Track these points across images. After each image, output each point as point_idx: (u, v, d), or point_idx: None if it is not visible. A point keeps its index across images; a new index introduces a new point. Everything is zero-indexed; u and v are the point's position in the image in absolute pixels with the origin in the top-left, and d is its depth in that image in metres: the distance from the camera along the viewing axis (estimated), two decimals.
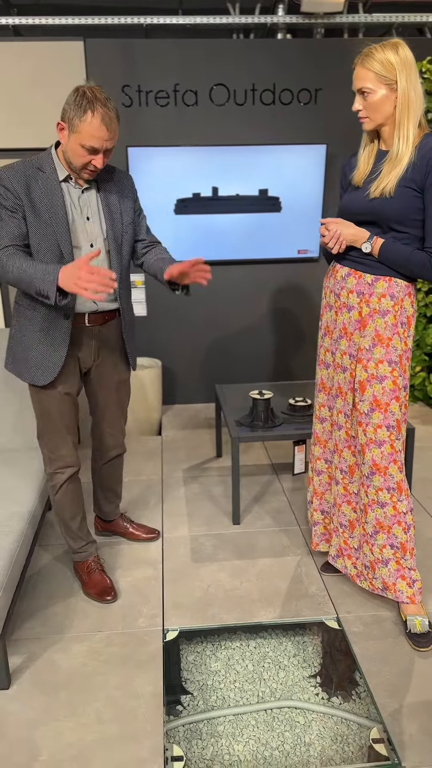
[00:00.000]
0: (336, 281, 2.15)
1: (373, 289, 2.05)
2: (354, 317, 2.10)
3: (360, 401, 2.11)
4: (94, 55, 3.73)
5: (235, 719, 1.99)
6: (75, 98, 1.91)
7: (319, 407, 2.34)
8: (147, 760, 1.73)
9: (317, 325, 4.31)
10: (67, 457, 2.27)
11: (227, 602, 2.37)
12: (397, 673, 2.02)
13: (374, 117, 1.96)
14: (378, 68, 1.90)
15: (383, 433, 2.09)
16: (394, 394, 2.07)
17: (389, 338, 2.05)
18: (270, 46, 3.84)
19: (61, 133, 1.98)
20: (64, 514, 2.36)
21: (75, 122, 1.91)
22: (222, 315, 4.24)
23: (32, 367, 2.14)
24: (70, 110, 1.92)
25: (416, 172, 1.92)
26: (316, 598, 2.38)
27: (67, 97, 1.94)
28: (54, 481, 2.31)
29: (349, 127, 3.97)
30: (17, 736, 1.80)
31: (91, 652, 2.12)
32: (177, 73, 3.80)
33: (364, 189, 2.04)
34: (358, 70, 1.95)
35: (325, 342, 2.27)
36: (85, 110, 1.89)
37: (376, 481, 2.12)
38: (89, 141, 1.93)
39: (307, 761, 1.84)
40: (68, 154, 1.99)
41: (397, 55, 1.88)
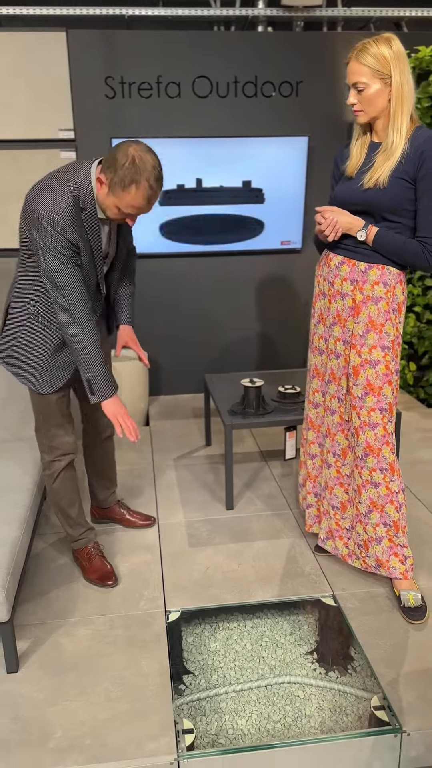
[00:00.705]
0: (330, 269, 2.22)
1: (367, 276, 2.12)
2: (348, 304, 2.17)
3: (354, 386, 2.18)
4: (76, 46, 3.73)
5: (237, 696, 2.05)
6: (124, 164, 1.86)
7: (312, 393, 2.41)
8: (158, 734, 1.78)
9: (301, 314, 4.39)
10: (66, 445, 2.31)
11: (226, 583, 2.43)
12: (393, 645, 2.10)
13: (368, 110, 2.02)
14: (372, 63, 1.95)
15: (376, 416, 2.16)
16: (387, 378, 2.15)
17: (382, 324, 2.12)
18: (251, 39, 3.88)
19: (99, 185, 1.96)
20: (62, 502, 2.39)
21: (117, 190, 1.89)
22: (207, 306, 4.29)
23: (37, 377, 2.18)
24: (115, 175, 1.87)
25: (409, 164, 1.99)
26: (311, 577, 2.46)
27: (115, 153, 1.89)
28: (52, 468, 2.33)
29: (330, 120, 4.05)
30: (30, 716, 1.84)
31: (96, 635, 2.16)
32: (160, 64, 3.82)
33: (357, 180, 2.11)
34: (352, 64, 2.00)
35: (318, 329, 2.33)
36: (131, 183, 1.87)
37: (370, 462, 2.20)
38: (128, 210, 1.94)
39: (308, 732, 1.91)
40: (102, 205, 1.99)
41: (391, 49, 1.94)
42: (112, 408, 2.10)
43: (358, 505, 2.27)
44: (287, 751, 1.80)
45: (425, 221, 2.02)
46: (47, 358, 2.16)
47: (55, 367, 2.18)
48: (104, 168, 1.92)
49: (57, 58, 3.79)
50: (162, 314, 4.26)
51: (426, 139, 1.99)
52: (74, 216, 1.95)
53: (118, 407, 2.10)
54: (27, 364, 2.17)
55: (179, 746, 1.77)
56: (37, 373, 2.17)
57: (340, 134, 4.09)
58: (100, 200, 1.99)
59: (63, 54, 3.78)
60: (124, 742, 1.76)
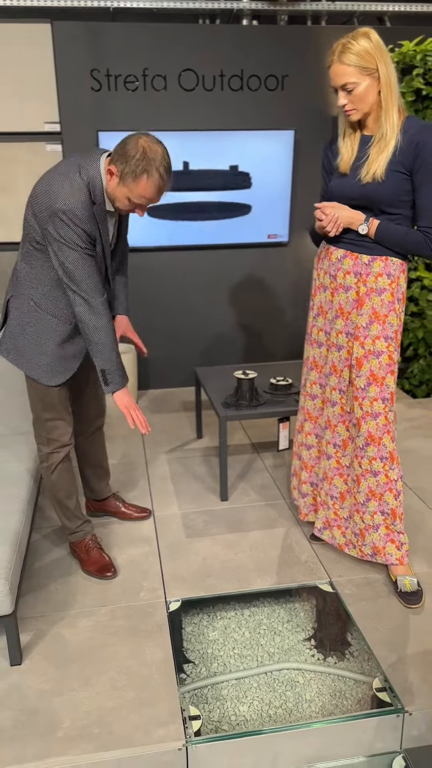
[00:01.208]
0: (331, 263, 2.23)
1: (370, 268, 2.14)
2: (351, 297, 2.19)
3: (357, 377, 2.21)
4: (61, 38, 3.71)
5: (237, 683, 2.08)
6: (134, 155, 1.89)
7: (310, 384, 2.43)
8: (166, 721, 1.80)
9: (288, 307, 4.42)
10: (64, 436, 2.31)
11: (224, 573, 2.45)
12: (391, 629, 2.15)
13: (361, 107, 2.02)
14: (357, 61, 1.95)
15: (379, 406, 2.19)
16: (390, 368, 2.18)
17: (385, 315, 2.15)
18: (237, 32, 3.89)
19: (109, 177, 1.98)
20: (60, 494, 2.39)
21: (128, 180, 1.92)
22: (194, 300, 4.30)
23: (46, 370, 2.18)
24: (126, 166, 1.90)
25: (404, 155, 2.01)
26: (308, 564, 2.49)
27: (125, 145, 1.91)
28: (50, 461, 2.33)
29: (316, 114, 4.08)
30: (37, 707, 1.85)
31: (98, 626, 2.17)
32: (146, 57, 3.81)
33: (353, 175, 2.12)
34: (336, 67, 1.98)
35: (317, 322, 2.35)
36: (142, 173, 1.90)
37: (371, 452, 2.23)
38: (139, 199, 1.97)
39: (309, 716, 1.94)
40: (112, 196, 2.01)
41: (371, 42, 1.94)
42: (125, 399, 2.15)
43: (356, 495, 2.31)
44: (293, 734, 1.84)
45: (425, 211, 2.04)
46: (57, 349, 2.17)
47: (66, 357, 2.19)
48: (114, 160, 1.95)
49: (42, 50, 3.76)
50: (149, 308, 4.26)
51: (419, 129, 2.00)
52: (90, 208, 1.98)
53: (130, 399, 2.16)
54: (36, 358, 2.18)
55: (187, 732, 1.79)
56: (47, 366, 2.18)
57: (326, 128, 4.12)
58: (110, 191, 2.01)
59: (48, 46, 3.75)
60: (131, 729, 1.77)
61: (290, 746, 1.83)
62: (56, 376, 2.20)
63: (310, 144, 4.13)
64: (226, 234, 4.14)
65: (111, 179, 1.98)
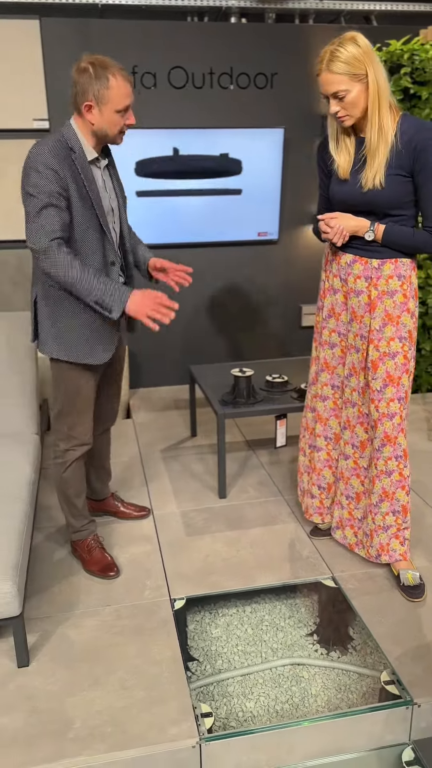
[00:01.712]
0: (340, 267, 2.23)
1: (381, 272, 2.14)
2: (363, 301, 2.19)
3: (373, 379, 2.21)
4: (50, 35, 3.68)
5: (243, 679, 2.08)
6: (90, 73, 1.95)
7: (321, 386, 2.42)
8: (178, 719, 1.80)
9: (278, 304, 4.44)
10: (84, 435, 2.32)
11: (227, 570, 2.46)
12: (396, 622, 2.17)
13: (354, 113, 2.00)
14: (347, 69, 1.92)
15: (395, 406, 2.21)
16: (405, 367, 2.19)
17: (398, 316, 2.15)
18: (226, 30, 3.89)
19: (90, 113, 2.00)
20: (69, 492, 2.39)
21: (103, 93, 1.97)
22: (184, 298, 4.29)
23: (89, 346, 2.16)
24: (92, 86, 1.96)
25: (402, 158, 1.99)
26: (309, 560, 2.51)
27: (77, 78, 1.98)
28: (66, 457, 2.34)
29: (305, 112, 4.09)
30: (48, 708, 1.84)
31: (104, 626, 2.17)
32: (135, 54, 3.80)
33: (353, 180, 2.10)
34: (325, 75, 1.96)
35: (329, 323, 2.35)
36: (107, 78, 1.96)
37: (387, 452, 2.24)
38: (123, 102, 2.00)
39: (316, 711, 1.96)
40: (104, 127, 2.03)
41: (359, 47, 1.91)
42: (137, 308, 2.01)
43: (371, 495, 2.32)
44: (306, 728, 1.85)
45: (430, 211, 2.05)
46: (93, 318, 2.14)
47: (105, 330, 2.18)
48: (80, 101, 2.00)
49: (31, 47, 3.72)
50: None
51: (417, 130, 1.98)
52: (62, 154, 2.00)
53: (141, 301, 2.01)
54: (76, 337, 2.15)
55: (200, 730, 1.79)
56: (90, 339, 2.16)
57: (315, 126, 4.14)
58: (98, 127, 2.03)
59: (37, 42, 3.72)
60: (144, 728, 1.77)
61: (303, 741, 1.84)
62: (104, 348, 2.19)
63: (300, 142, 4.15)
64: (216, 231, 4.14)
65: (91, 113, 2.00)
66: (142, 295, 2.01)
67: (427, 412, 3.86)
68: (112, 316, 2.01)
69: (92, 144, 2.08)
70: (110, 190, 2.20)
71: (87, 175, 2.06)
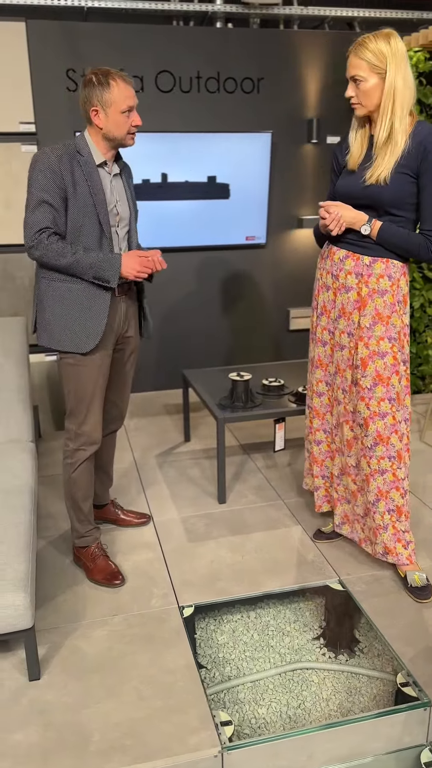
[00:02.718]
0: (333, 263, 2.26)
1: (371, 270, 2.18)
2: (353, 297, 2.22)
3: (362, 377, 2.23)
4: (36, 37, 3.63)
5: (253, 685, 2.07)
6: (93, 83, 2.10)
7: (316, 383, 2.45)
8: (198, 728, 1.78)
9: (267, 308, 4.44)
10: (93, 433, 2.32)
11: (233, 576, 2.44)
12: (407, 624, 2.18)
13: (366, 103, 2.08)
14: (370, 57, 2.02)
15: (386, 406, 2.23)
16: (395, 368, 2.22)
17: (388, 316, 2.18)
18: (212, 35, 3.89)
19: (97, 118, 2.13)
20: (77, 494, 2.37)
21: (106, 97, 2.10)
22: (172, 302, 4.27)
23: (77, 335, 2.21)
24: (96, 93, 2.10)
25: (411, 158, 2.05)
26: (315, 564, 2.51)
27: (84, 91, 2.13)
28: (75, 458, 2.34)
29: (292, 117, 4.11)
30: (64, 721, 1.80)
31: (114, 635, 2.13)
32: (122, 58, 3.77)
33: (359, 175, 2.15)
34: (351, 58, 2.07)
35: (321, 321, 2.37)
36: (108, 83, 2.09)
37: (379, 451, 2.26)
38: (125, 102, 2.11)
39: (328, 715, 1.96)
40: (111, 130, 2.14)
41: (389, 45, 2.00)
42: (129, 269, 2.18)
43: (368, 494, 2.34)
44: (326, 733, 1.84)
45: (428, 214, 2.09)
46: (79, 312, 2.21)
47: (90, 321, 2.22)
48: (88, 108, 2.13)
49: (16, 49, 3.67)
50: None
51: (428, 133, 2.05)
52: (67, 156, 2.13)
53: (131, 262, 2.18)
54: (63, 327, 2.21)
55: (221, 739, 1.77)
56: (77, 331, 2.21)
57: (301, 131, 4.16)
58: (107, 131, 2.14)
59: (23, 45, 3.67)
60: (165, 738, 1.75)
61: (323, 746, 1.84)
62: (88, 338, 2.21)
63: (287, 146, 4.16)
64: (204, 235, 4.13)
65: (99, 118, 2.12)
66: (128, 258, 2.19)
67: (417, 414, 3.90)
68: (111, 286, 2.17)
69: (104, 150, 2.20)
70: (120, 197, 2.28)
71: (92, 178, 2.16)
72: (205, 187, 4.02)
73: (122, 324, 2.37)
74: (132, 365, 2.53)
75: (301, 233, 4.35)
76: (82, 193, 2.14)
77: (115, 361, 2.43)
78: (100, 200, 2.17)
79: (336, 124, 4.21)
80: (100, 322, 2.22)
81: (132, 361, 2.51)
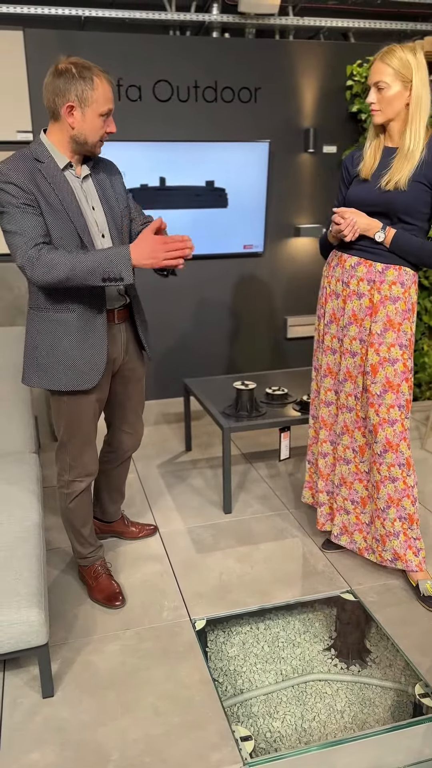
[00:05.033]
0: (344, 270, 2.26)
1: (384, 276, 2.18)
2: (365, 304, 2.22)
3: (372, 383, 2.23)
4: (34, 46, 3.61)
5: (266, 699, 2.05)
6: (73, 73, 1.85)
7: (325, 392, 2.44)
8: (218, 744, 1.76)
9: (265, 317, 4.43)
10: (90, 465, 2.22)
11: (244, 587, 2.42)
12: (421, 634, 2.17)
13: (386, 111, 2.09)
14: (397, 64, 2.03)
15: (395, 413, 2.23)
16: (405, 375, 2.22)
17: (400, 323, 2.19)
18: (210, 44, 3.90)
19: (71, 116, 1.88)
20: (76, 522, 2.30)
21: (87, 94, 1.86)
22: (170, 311, 4.26)
23: (74, 373, 2.02)
24: (75, 86, 1.85)
25: (427, 168, 2.07)
26: (325, 574, 2.49)
27: (55, 80, 1.86)
28: (71, 489, 2.24)
29: (289, 126, 4.13)
30: (81, 740, 1.76)
31: (126, 650, 2.10)
32: (120, 67, 3.77)
33: (374, 182, 2.16)
34: (377, 64, 2.07)
35: (330, 329, 2.37)
36: (92, 78, 1.86)
37: (389, 458, 2.26)
38: (106, 105, 1.91)
39: (344, 728, 1.93)
40: (85, 132, 1.91)
41: (415, 57, 2.03)
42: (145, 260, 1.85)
43: (377, 501, 2.33)
44: (347, 747, 1.82)
45: None
46: (76, 346, 2.01)
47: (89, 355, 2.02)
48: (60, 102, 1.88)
49: (14, 58, 3.65)
50: None
51: None
52: (27, 166, 1.88)
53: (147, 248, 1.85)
54: (58, 365, 2.02)
55: (241, 754, 1.75)
56: (73, 368, 2.02)
57: (299, 140, 4.18)
58: (78, 130, 1.91)
59: (20, 53, 3.65)
60: (184, 755, 1.72)
61: (345, 759, 1.81)
62: (89, 376, 2.03)
63: (284, 156, 4.18)
64: (202, 244, 4.12)
65: (73, 116, 1.88)
66: (142, 245, 1.85)
67: (416, 421, 3.91)
68: (127, 282, 1.86)
69: (68, 153, 1.96)
70: (95, 202, 2.04)
71: (58, 184, 1.92)
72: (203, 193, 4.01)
73: (123, 354, 2.21)
74: (141, 393, 2.39)
75: (299, 242, 4.36)
76: (54, 203, 1.91)
77: (127, 390, 2.31)
78: (74, 208, 1.94)
79: (332, 134, 4.23)
80: (100, 355, 2.03)
81: (140, 390, 2.38)
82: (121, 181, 2.18)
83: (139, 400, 2.39)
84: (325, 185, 4.31)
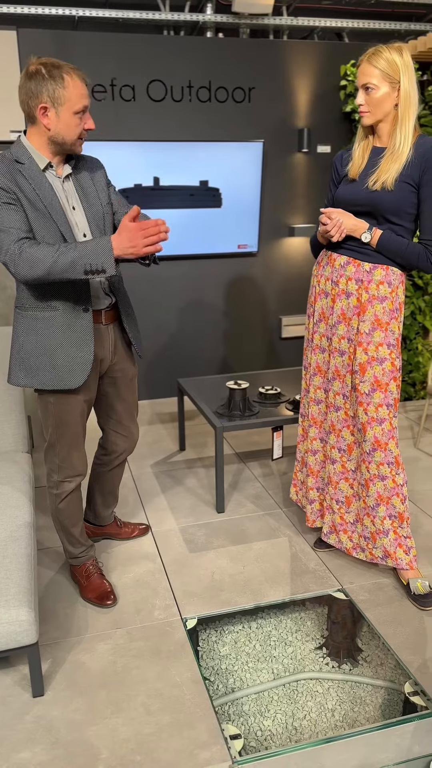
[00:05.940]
0: (334, 269, 2.27)
1: (372, 276, 2.19)
2: (353, 303, 2.23)
3: (361, 382, 2.24)
4: (27, 46, 3.61)
5: (257, 697, 2.05)
6: (43, 74, 1.83)
7: (314, 390, 2.45)
8: (208, 742, 1.76)
9: (258, 316, 4.44)
10: (79, 466, 2.21)
11: (236, 586, 2.42)
12: (412, 632, 2.17)
13: (375, 112, 2.10)
14: (384, 66, 2.04)
15: (384, 412, 2.23)
16: (393, 374, 2.23)
17: (387, 323, 2.20)
18: (204, 44, 3.91)
19: (45, 117, 1.88)
20: (66, 522, 2.29)
21: (59, 93, 1.84)
22: (164, 311, 4.26)
23: (60, 372, 2.02)
24: (46, 88, 1.83)
25: (414, 168, 2.08)
26: (317, 573, 2.49)
27: (26, 83, 1.85)
28: (60, 489, 2.23)
29: (282, 126, 4.13)
30: (71, 739, 1.76)
31: (118, 649, 2.10)
32: (113, 67, 3.77)
33: (361, 182, 2.17)
34: (364, 66, 2.08)
35: (319, 328, 2.38)
36: (62, 77, 1.84)
37: (378, 457, 2.27)
38: (80, 102, 1.89)
39: (335, 726, 1.94)
40: (61, 132, 1.90)
41: (402, 57, 2.03)
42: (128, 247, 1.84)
43: (366, 499, 2.33)
44: (337, 745, 1.82)
45: (427, 224, 2.12)
46: (61, 344, 2.01)
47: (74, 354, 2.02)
48: (33, 104, 1.86)
49: (8, 57, 3.65)
50: None
51: (431, 146, 2.09)
52: (8, 168, 1.89)
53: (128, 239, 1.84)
54: (44, 364, 2.02)
55: (230, 753, 1.75)
56: (59, 367, 2.01)
57: (292, 140, 4.18)
58: (54, 131, 1.90)
59: (14, 53, 3.65)
60: (174, 754, 1.72)
61: (334, 757, 1.82)
62: (75, 374, 2.02)
63: (278, 155, 4.18)
64: (197, 244, 4.12)
65: (48, 117, 1.88)
66: (122, 234, 1.85)
67: (410, 420, 3.92)
68: (109, 273, 1.85)
69: (49, 154, 1.96)
70: (75, 202, 2.03)
71: (39, 185, 1.93)
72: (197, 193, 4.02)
73: (111, 355, 2.20)
74: (133, 393, 2.37)
75: (293, 241, 4.37)
76: (35, 203, 1.92)
77: (119, 392, 2.30)
78: (56, 207, 1.95)
79: (326, 134, 4.24)
80: (86, 353, 2.01)
81: (132, 391, 2.36)
82: (102, 175, 2.16)
83: (132, 401, 2.38)
84: (319, 185, 4.32)
